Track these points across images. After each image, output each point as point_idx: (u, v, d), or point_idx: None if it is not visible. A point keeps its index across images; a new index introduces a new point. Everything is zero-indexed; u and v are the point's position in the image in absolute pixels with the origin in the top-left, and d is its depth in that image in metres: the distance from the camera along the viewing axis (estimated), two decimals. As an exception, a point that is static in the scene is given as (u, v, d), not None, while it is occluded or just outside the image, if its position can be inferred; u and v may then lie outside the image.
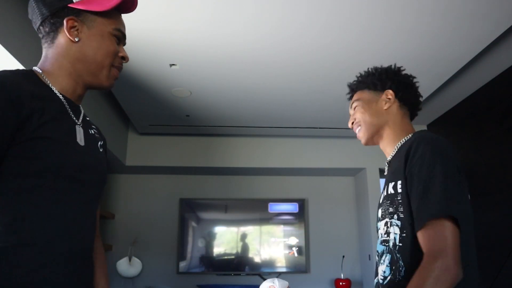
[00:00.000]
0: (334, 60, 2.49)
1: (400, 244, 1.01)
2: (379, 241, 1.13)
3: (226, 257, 3.88)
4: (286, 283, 2.17)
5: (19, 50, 1.80)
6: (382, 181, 4.12)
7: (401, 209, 1.03)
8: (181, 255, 3.78)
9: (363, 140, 1.26)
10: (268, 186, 4.08)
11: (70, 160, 0.88)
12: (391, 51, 2.38)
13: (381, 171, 3.97)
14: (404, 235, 1.01)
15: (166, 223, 3.90)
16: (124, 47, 1.02)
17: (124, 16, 1.05)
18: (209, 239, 3.92)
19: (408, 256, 0.99)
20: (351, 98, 1.33)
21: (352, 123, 1.29)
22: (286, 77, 2.71)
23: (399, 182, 1.06)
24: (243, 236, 3.93)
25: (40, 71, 0.94)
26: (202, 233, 3.93)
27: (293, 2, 1.94)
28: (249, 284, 3.71)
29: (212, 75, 2.65)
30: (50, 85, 0.93)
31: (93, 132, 1.02)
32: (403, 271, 1.00)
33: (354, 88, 1.32)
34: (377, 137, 1.23)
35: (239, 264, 3.82)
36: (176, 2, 1.93)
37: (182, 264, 3.75)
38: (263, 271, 3.80)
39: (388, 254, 1.04)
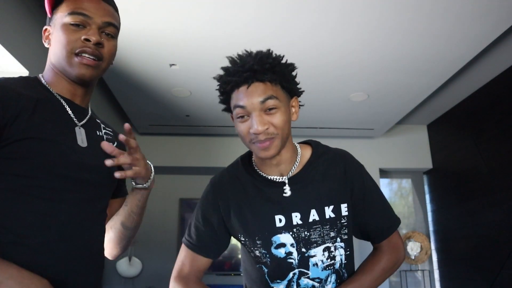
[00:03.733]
0: (334, 59, 2.49)
1: (346, 261, 1.07)
2: (319, 268, 1.02)
3: (226, 257, 3.88)
4: None
5: (19, 50, 1.80)
6: (382, 181, 4.12)
7: (345, 231, 1.04)
8: (181, 255, 3.78)
9: (272, 153, 0.95)
10: (268, 186, 4.07)
11: (64, 159, 0.86)
12: (391, 51, 2.38)
13: (381, 171, 3.98)
14: (348, 253, 1.06)
15: (166, 223, 3.90)
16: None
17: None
18: (209, 239, 3.91)
19: (352, 269, 1.09)
20: (250, 81, 0.95)
21: (266, 129, 0.93)
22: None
23: (343, 205, 1.03)
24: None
25: (42, 77, 0.96)
26: (202, 233, 3.92)
27: (293, 3, 1.94)
28: (249, 284, 3.70)
29: (212, 75, 2.64)
30: (50, 88, 0.93)
31: (102, 134, 1.01)
32: (345, 277, 1.08)
33: (265, 76, 0.94)
34: (280, 151, 0.98)
35: (239, 264, 3.82)
36: (176, 2, 1.93)
37: (182, 264, 3.75)
38: (263, 271, 3.80)
39: (334, 274, 1.05)
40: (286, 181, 1.02)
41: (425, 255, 3.77)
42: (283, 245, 1.02)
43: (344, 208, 1.03)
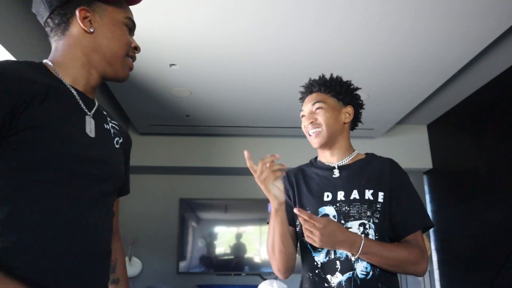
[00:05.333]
0: (334, 59, 2.49)
1: None
2: None
3: (226, 257, 3.88)
4: (285, 286, 2.17)
5: (19, 50, 1.80)
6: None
7: (377, 215, 1.20)
8: (181, 255, 3.78)
9: (319, 141, 1.27)
10: (268, 186, 4.07)
11: (72, 151, 0.83)
12: (391, 51, 2.38)
13: (381, 171, 3.97)
14: (377, 237, 1.18)
15: (166, 223, 3.90)
16: None
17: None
18: (209, 239, 3.92)
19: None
20: (308, 93, 1.33)
21: (311, 122, 1.27)
22: (286, 77, 2.71)
23: (381, 193, 1.22)
24: (243, 236, 3.93)
25: (51, 64, 0.91)
26: (202, 233, 3.93)
27: (293, 3, 1.94)
28: (249, 284, 3.70)
29: (212, 75, 2.65)
30: (60, 77, 0.89)
31: (109, 128, 0.98)
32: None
33: (317, 88, 1.32)
34: (330, 143, 1.29)
35: (239, 264, 3.82)
36: (176, 2, 1.93)
37: (182, 264, 3.75)
38: (263, 271, 3.80)
39: None
40: (336, 166, 1.29)
41: (425, 255, 3.77)
42: (326, 215, 1.21)
43: (380, 195, 1.21)
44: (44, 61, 0.92)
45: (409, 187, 1.27)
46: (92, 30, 0.91)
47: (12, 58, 1.76)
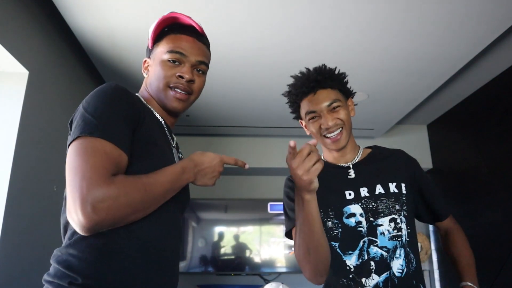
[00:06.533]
0: (334, 59, 2.49)
1: (409, 239, 1.15)
2: (386, 237, 1.12)
3: (226, 257, 3.88)
4: None
5: (19, 50, 1.80)
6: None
7: (405, 208, 1.16)
8: (181, 255, 3.78)
9: (342, 144, 1.20)
10: (268, 186, 4.08)
11: None
12: (391, 51, 2.38)
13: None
14: (409, 231, 1.15)
15: (166, 223, 3.90)
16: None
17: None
18: (209, 239, 3.92)
19: (415, 249, 1.17)
20: (316, 90, 1.20)
21: (333, 124, 1.19)
22: (286, 77, 2.70)
23: (403, 184, 1.18)
24: (243, 236, 3.93)
25: (140, 96, 1.06)
26: (202, 233, 3.92)
27: (293, 2, 1.94)
28: (249, 284, 3.71)
29: (212, 75, 2.65)
30: (151, 108, 1.03)
31: (181, 157, 1.13)
32: (414, 262, 1.14)
33: (328, 84, 1.20)
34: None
35: (239, 264, 3.82)
36: (176, 1, 1.93)
37: (182, 264, 3.75)
38: (263, 271, 3.80)
39: (401, 249, 1.12)
40: (351, 166, 1.23)
41: (425, 255, 3.77)
42: (353, 214, 1.15)
43: (403, 187, 1.18)
44: (136, 94, 1.06)
45: (426, 174, 1.29)
46: (146, 74, 1.09)
47: (12, 58, 1.76)
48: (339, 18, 2.07)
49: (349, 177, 1.21)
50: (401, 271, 1.11)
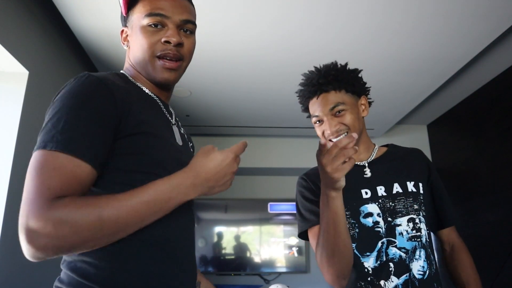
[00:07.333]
0: (334, 59, 2.48)
1: (429, 240, 1.13)
2: (405, 238, 1.09)
3: (226, 257, 3.88)
4: None
5: (19, 50, 1.80)
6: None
7: (423, 208, 1.14)
8: (181, 255, 3.78)
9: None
10: (268, 186, 4.08)
11: (174, 156, 0.85)
12: (391, 50, 2.38)
13: (381, 171, 3.97)
14: (429, 232, 1.13)
15: (166, 223, 3.90)
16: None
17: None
18: (209, 239, 3.91)
19: (435, 251, 1.16)
20: (319, 94, 1.18)
21: (336, 129, 1.14)
22: (286, 77, 2.71)
23: (421, 184, 1.16)
24: (243, 236, 3.93)
25: (127, 74, 0.95)
26: (202, 233, 3.92)
27: (293, 1, 1.94)
28: (249, 284, 3.70)
29: (212, 75, 2.65)
30: (139, 85, 0.92)
31: (183, 132, 1.00)
32: (435, 264, 1.12)
33: (331, 87, 1.17)
34: (356, 144, 1.16)
35: (239, 264, 3.81)
36: (176, 2, 1.93)
37: (182, 264, 3.75)
38: (263, 271, 3.80)
39: (422, 250, 1.09)
40: (366, 164, 1.20)
41: (425, 255, 3.77)
42: (370, 214, 1.12)
43: (421, 186, 1.16)
44: (122, 71, 0.96)
45: (439, 179, 1.25)
46: (127, 47, 0.95)
47: (12, 58, 1.76)
48: (338, 18, 2.06)
49: (365, 176, 1.17)
50: (422, 273, 1.07)
